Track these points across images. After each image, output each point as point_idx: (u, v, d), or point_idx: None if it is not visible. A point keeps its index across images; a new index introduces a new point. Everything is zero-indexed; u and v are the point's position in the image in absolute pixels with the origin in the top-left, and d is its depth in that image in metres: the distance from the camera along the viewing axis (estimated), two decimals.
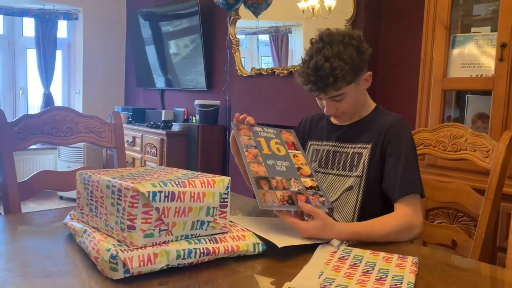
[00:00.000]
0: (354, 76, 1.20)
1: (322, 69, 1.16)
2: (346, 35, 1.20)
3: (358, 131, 1.30)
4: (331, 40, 1.19)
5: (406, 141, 1.23)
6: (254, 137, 1.15)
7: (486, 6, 1.98)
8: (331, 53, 1.16)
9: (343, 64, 1.16)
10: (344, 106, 1.25)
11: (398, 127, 1.24)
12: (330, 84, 1.18)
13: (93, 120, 1.53)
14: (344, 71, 1.16)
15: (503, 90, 1.71)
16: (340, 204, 1.27)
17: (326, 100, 1.25)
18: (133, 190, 0.83)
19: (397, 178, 1.19)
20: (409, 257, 0.94)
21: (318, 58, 1.17)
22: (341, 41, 1.18)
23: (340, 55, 1.16)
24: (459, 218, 1.78)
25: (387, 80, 2.69)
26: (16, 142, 1.37)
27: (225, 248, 0.91)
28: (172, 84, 4.50)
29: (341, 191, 1.28)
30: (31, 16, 4.81)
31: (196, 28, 3.92)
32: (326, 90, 1.20)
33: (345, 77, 1.17)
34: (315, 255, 0.96)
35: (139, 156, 4.12)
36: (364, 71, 1.24)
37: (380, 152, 1.24)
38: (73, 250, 0.96)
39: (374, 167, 1.24)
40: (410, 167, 1.20)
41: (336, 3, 2.74)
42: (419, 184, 1.20)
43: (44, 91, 4.95)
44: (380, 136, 1.24)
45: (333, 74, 1.16)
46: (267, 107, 3.32)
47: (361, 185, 1.25)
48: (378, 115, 1.31)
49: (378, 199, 1.24)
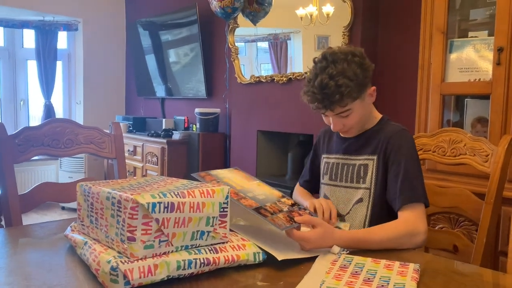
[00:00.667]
0: (359, 92, 1.22)
1: (328, 87, 1.18)
2: (349, 53, 1.22)
3: (363, 143, 1.31)
4: (334, 59, 1.21)
5: (407, 149, 1.23)
6: (221, 178, 1.16)
7: (483, 10, 1.99)
8: (336, 71, 1.18)
9: (348, 81, 1.18)
10: (350, 121, 1.26)
11: (398, 137, 1.25)
12: (336, 102, 1.19)
13: (93, 131, 1.54)
14: (349, 88, 1.18)
15: (501, 94, 1.71)
16: (351, 216, 1.28)
17: (333, 117, 1.26)
18: (132, 201, 0.83)
19: (397, 187, 1.19)
20: (410, 264, 0.94)
21: (323, 76, 1.19)
22: (344, 59, 1.20)
23: (344, 72, 1.18)
24: (460, 222, 1.78)
25: (386, 86, 2.69)
26: (16, 155, 1.38)
27: (225, 258, 0.91)
28: (173, 93, 4.51)
29: (352, 203, 1.29)
30: (31, 28, 4.84)
31: (195, 37, 3.95)
32: (333, 107, 1.21)
33: (350, 93, 1.19)
34: (316, 264, 0.96)
35: (140, 165, 4.13)
36: (368, 86, 1.26)
37: (383, 163, 1.25)
38: (74, 262, 0.96)
39: (381, 178, 1.25)
40: (411, 175, 1.20)
41: (334, 10, 2.75)
42: (422, 192, 1.19)
43: (45, 102, 4.97)
44: (383, 147, 1.25)
45: (339, 91, 1.17)
46: (266, 115, 3.33)
47: (371, 197, 1.26)
48: (382, 126, 1.31)
49: (388, 210, 1.24)
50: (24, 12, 4.66)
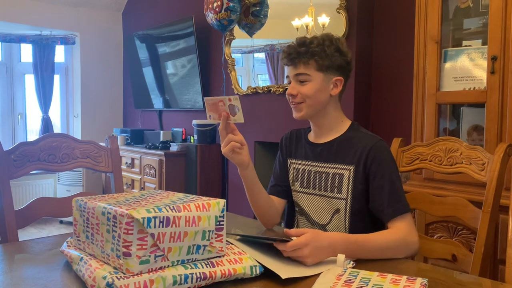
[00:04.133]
0: (327, 67, 1.26)
1: (302, 41, 1.27)
2: (335, 38, 1.30)
3: (337, 150, 1.30)
4: (320, 35, 1.31)
5: (390, 161, 1.25)
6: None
7: (476, 19, 2.00)
8: (316, 37, 1.29)
9: (321, 49, 1.25)
10: (304, 90, 1.27)
11: (378, 148, 1.24)
12: (302, 54, 1.25)
13: (89, 145, 1.54)
14: (318, 50, 1.24)
15: (496, 103, 1.72)
16: (333, 227, 1.28)
17: (292, 78, 1.29)
18: (127, 216, 0.83)
19: (384, 199, 1.20)
20: (418, 278, 0.91)
21: (304, 37, 1.30)
22: (328, 38, 1.29)
23: (323, 42, 1.26)
24: (459, 231, 1.77)
25: (381, 95, 2.71)
26: (12, 170, 1.38)
27: (222, 272, 0.90)
28: (170, 105, 4.52)
29: (331, 213, 1.29)
30: (29, 42, 4.86)
31: (192, 49, 3.97)
32: (296, 61, 1.26)
33: (316, 55, 1.25)
34: (321, 278, 0.94)
35: (138, 177, 4.12)
36: (337, 72, 1.28)
37: (363, 174, 1.24)
38: (70, 278, 0.95)
39: (359, 189, 1.24)
40: (397, 187, 1.21)
41: (330, 21, 2.78)
42: (406, 202, 1.22)
43: (43, 115, 4.97)
44: (361, 158, 1.24)
45: (309, 46, 1.25)
46: (264, 125, 3.34)
47: (347, 207, 1.25)
48: (355, 133, 1.31)
49: (367, 221, 1.25)
50: (21, 27, 4.69)
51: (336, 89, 1.29)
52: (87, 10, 4.98)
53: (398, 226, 1.16)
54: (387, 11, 2.69)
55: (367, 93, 2.75)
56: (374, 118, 2.74)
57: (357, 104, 2.66)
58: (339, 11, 2.70)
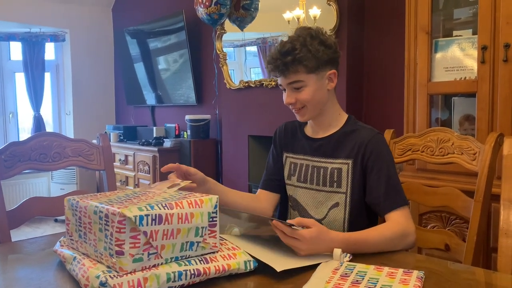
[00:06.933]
0: (316, 67, 1.23)
1: (285, 48, 1.22)
2: (315, 30, 1.26)
3: (335, 145, 1.30)
4: (300, 33, 1.26)
5: (386, 155, 1.25)
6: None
7: (466, 9, 2.01)
8: (296, 39, 1.24)
9: (305, 50, 1.21)
10: (302, 96, 1.25)
11: (376, 142, 1.25)
12: (289, 64, 1.21)
13: (81, 143, 1.52)
14: (303, 54, 1.21)
15: (487, 92, 1.72)
16: (329, 221, 1.28)
17: (287, 87, 1.27)
18: (119, 215, 0.82)
19: (382, 192, 1.20)
20: (414, 271, 0.92)
21: (286, 42, 1.25)
22: (308, 33, 1.25)
23: (305, 42, 1.22)
24: (452, 221, 1.78)
25: (373, 87, 2.71)
26: (3, 171, 1.37)
27: (216, 268, 0.90)
28: (163, 100, 4.50)
29: (327, 208, 1.28)
30: (18, 40, 4.81)
31: (184, 43, 3.94)
32: (285, 71, 1.23)
33: (303, 60, 1.21)
34: (317, 272, 0.93)
35: (132, 174, 4.10)
36: (328, 67, 1.26)
37: (360, 168, 1.25)
38: (64, 278, 0.95)
39: (357, 183, 1.25)
40: (394, 180, 1.22)
41: (321, 13, 2.77)
42: (404, 195, 1.22)
43: (34, 113, 4.93)
44: (359, 152, 1.25)
45: (293, 53, 1.21)
46: (257, 119, 3.33)
47: (347, 201, 1.26)
48: (352, 127, 1.30)
49: (365, 214, 1.26)
50: (10, 25, 4.63)
51: (332, 83, 1.29)
52: (76, 7, 4.93)
53: (395, 219, 1.16)
54: (377, 3, 2.68)
55: (359, 85, 2.75)
56: (367, 110, 2.74)
57: (349, 96, 2.66)
58: (330, 3, 2.69)
